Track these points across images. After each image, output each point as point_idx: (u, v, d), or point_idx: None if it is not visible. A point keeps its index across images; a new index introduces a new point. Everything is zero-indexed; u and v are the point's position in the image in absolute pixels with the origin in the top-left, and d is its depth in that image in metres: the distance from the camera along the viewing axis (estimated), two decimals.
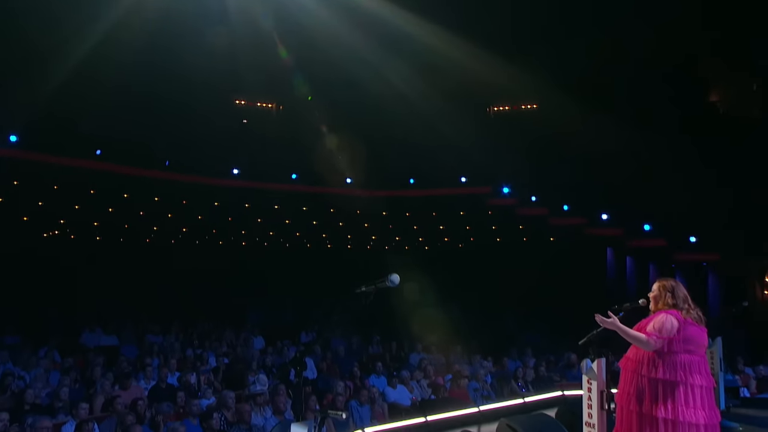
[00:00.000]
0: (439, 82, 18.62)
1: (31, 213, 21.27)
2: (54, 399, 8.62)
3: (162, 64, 17.23)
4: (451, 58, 17.82)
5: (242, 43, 17.56)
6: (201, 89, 18.44)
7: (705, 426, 4.99)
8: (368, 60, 17.54)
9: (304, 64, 18.88)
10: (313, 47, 17.50)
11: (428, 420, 8.26)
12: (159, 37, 16.12)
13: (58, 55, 15.40)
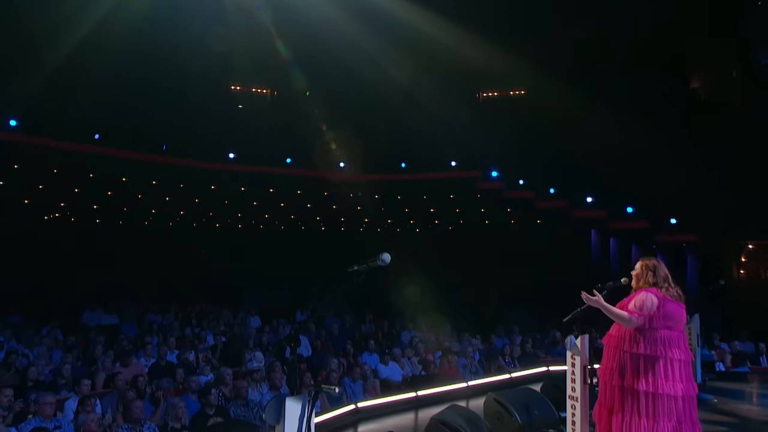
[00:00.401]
0: (430, 69, 18.56)
1: (31, 196, 21.17)
2: (57, 376, 8.63)
3: (158, 50, 17.10)
4: (442, 45, 17.76)
5: (237, 29, 17.45)
6: (196, 75, 18.33)
7: (683, 398, 5.06)
8: (361, 46, 17.45)
9: (298, 51, 18.77)
10: (307, 34, 17.41)
11: (419, 395, 8.37)
12: (154, 22, 16.00)
13: (54, 39, 15.24)
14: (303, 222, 26.81)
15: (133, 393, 7.45)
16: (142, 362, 9.96)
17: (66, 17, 15.04)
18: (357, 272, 3.45)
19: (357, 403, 7.67)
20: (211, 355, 11.06)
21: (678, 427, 4.99)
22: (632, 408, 5.10)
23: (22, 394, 7.46)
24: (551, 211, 21.09)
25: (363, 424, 7.35)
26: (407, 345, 12.64)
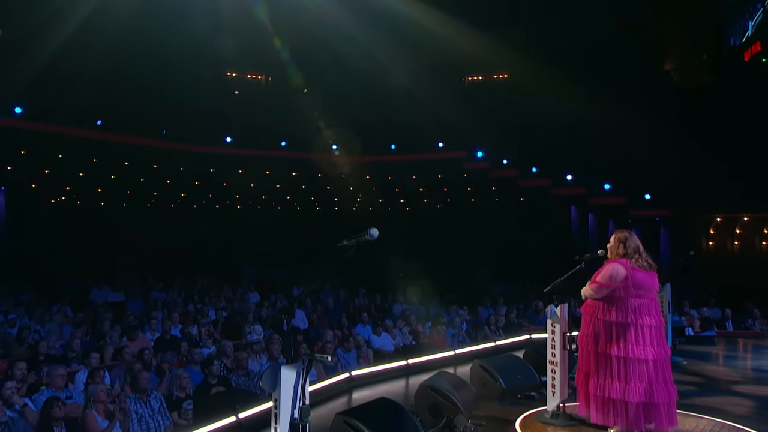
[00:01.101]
0: (417, 55, 18.46)
1: (38, 181, 21.05)
2: (67, 350, 8.62)
3: (156, 39, 16.91)
4: (428, 32, 17.65)
5: (233, 18, 17.27)
6: (193, 62, 18.17)
7: (654, 361, 5.13)
8: (352, 36, 17.34)
9: (292, 42, 18.63)
10: (300, 26, 17.26)
11: (409, 363, 8.42)
12: (153, 10, 15.80)
13: (54, 27, 15.02)
14: (298, 202, 26.77)
15: (140, 365, 7.44)
16: (147, 336, 9.95)
17: (65, 4, 14.83)
18: (346, 246, 3.47)
19: (351, 371, 7.71)
20: (213, 329, 11.03)
21: (649, 388, 5.07)
22: (606, 372, 5.18)
23: (34, 368, 7.45)
24: (533, 189, 21.22)
25: (357, 391, 7.39)
26: (398, 317, 12.65)
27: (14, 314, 11.15)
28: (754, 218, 17.21)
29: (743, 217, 17.37)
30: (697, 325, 12.00)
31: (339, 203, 25.45)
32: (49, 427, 5.72)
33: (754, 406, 6.55)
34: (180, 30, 17.05)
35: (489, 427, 5.59)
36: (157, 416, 6.37)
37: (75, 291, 14.53)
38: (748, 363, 9.20)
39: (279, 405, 3.24)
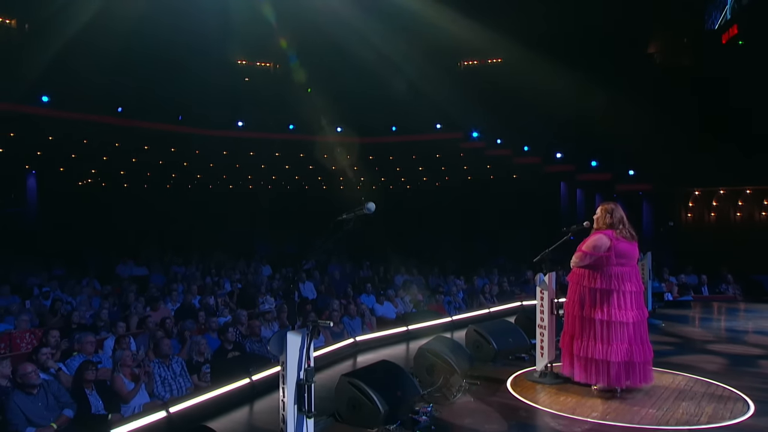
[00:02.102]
0: (415, 42, 18.25)
1: (66, 164, 21.09)
2: (96, 319, 8.68)
3: (171, 29, 16.76)
4: (426, 20, 17.44)
5: (242, 10, 17.09)
6: (207, 51, 18.02)
7: (633, 323, 5.20)
8: (354, 26, 17.17)
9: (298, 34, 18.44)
10: (300, 14, 17.07)
11: (409, 329, 8.46)
12: (165, 6, 15.64)
13: (76, 18, 14.87)
14: (306, 182, 26.75)
15: (162, 333, 7.51)
16: (169, 306, 9.99)
17: None
18: (346, 220, 3.47)
19: (356, 337, 7.77)
20: (229, 300, 11.10)
21: (629, 348, 5.15)
22: (590, 334, 5.25)
23: (67, 335, 7.52)
24: (526, 166, 21.18)
25: (361, 355, 7.45)
26: (400, 287, 12.67)
27: (48, 287, 11.23)
28: (729, 191, 17.20)
29: (719, 190, 17.35)
30: (676, 291, 12.04)
31: (344, 182, 25.42)
32: (81, 388, 5.79)
33: (724, 363, 6.63)
34: (193, 20, 16.89)
35: (482, 386, 5.64)
36: (179, 379, 6.42)
37: (102, 266, 14.58)
38: (722, 324, 9.25)
39: (286, 367, 3.28)
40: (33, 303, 10.05)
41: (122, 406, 5.88)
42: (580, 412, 4.85)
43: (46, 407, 5.33)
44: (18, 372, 5.41)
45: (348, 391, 4.69)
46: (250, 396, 5.51)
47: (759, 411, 4.87)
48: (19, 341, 7.73)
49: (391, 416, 4.58)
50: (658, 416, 4.75)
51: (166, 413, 4.77)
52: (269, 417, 4.97)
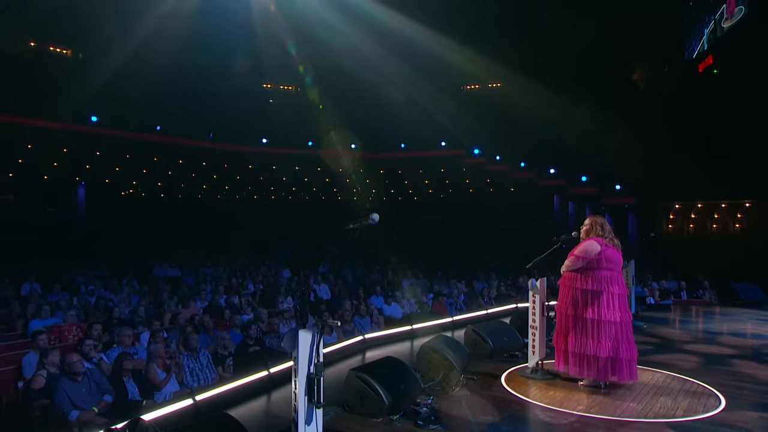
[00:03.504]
0: (423, 69, 18.33)
1: (111, 177, 21.31)
2: (134, 315, 8.72)
3: (205, 56, 16.97)
4: (432, 50, 17.53)
5: (267, 40, 17.28)
6: (235, 76, 18.21)
7: (620, 323, 5.18)
8: (368, 57, 17.34)
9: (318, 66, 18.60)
10: (326, 54, 17.25)
11: (414, 328, 8.45)
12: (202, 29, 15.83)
13: (121, 46, 15.11)
14: (323, 193, 26.81)
15: (191, 328, 7.51)
16: (198, 305, 10.01)
17: (128, 27, 14.89)
18: (353, 229, 3.48)
19: (365, 334, 7.77)
20: (252, 299, 11.08)
21: (616, 345, 5.13)
22: (582, 332, 5.24)
23: (108, 329, 7.56)
24: (522, 180, 21.10)
25: (369, 351, 7.45)
26: (407, 289, 12.54)
27: (93, 286, 11.37)
28: (706, 205, 17.09)
29: (697, 204, 17.23)
30: (657, 295, 11.91)
31: (357, 193, 25.50)
32: (119, 376, 5.81)
33: (699, 361, 6.57)
34: (223, 48, 17.09)
35: (479, 381, 5.63)
36: (205, 370, 6.40)
37: (141, 267, 14.64)
38: (699, 326, 9.15)
39: (297, 362, 3.29)
40: (80, 300, 10.14)
41: (155, 394, 5.88)
42: (567, 405, 4.83)
43: (89, 393, 5.37)
44: (65, 361, 5.46)
45: (356, 384, 4.70)
46: (268, 387, 5.54)
47: (730, 405, 4.84)
48: (66, 333, 7.78)
49: (394, 407, 4.59)
50: (638, 410, 4.72)
51: (192, 401, 4.81)
52: (285, 406, 4.97)
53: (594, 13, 15.15)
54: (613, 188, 18.58)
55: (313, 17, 16.07)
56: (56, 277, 11.59)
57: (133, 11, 14.60)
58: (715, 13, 12.52)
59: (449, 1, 15.87)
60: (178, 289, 11.57)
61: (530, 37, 16.71)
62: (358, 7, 15.84)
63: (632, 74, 16.55)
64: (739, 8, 11.43)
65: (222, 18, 15.90)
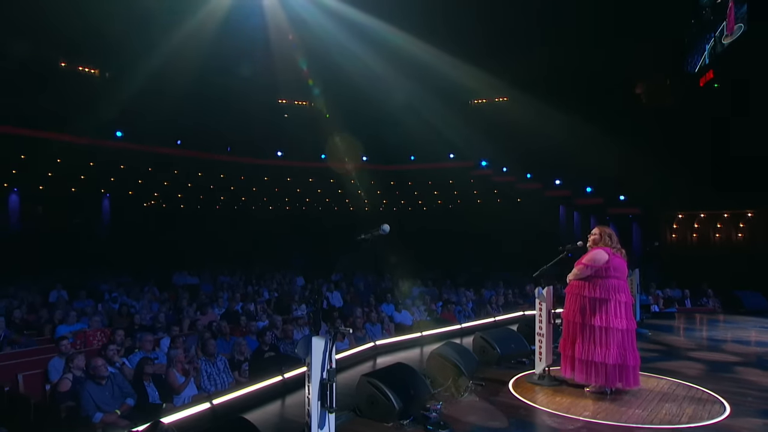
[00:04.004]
0: (434, 85, 18.42)
1: (135, 189, 21.55)
2: (155, 321, 8.74)
3: (223, 74, 17.20)
4: (440, 67, 17.63)
5: (283, 58, 17.49)
6: (252, 92, 18.43)
7: (626, 330, 5.12)
8: (379, 75, 17.51)
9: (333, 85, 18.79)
10: (340, 73, 17.44)
11: (423, 335, 8.39)
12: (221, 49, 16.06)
13: (143, 66, 15.38)
14: (335, 204, 26.87)
15: (209, 334, 7.46)
16: (215, 311, 10.01)
17: (151, 49, 15.16)
18: (364, 239, 3.49)
19: (376, 341, 7.73)
20: (267, 306, 11.05)
21: (623, 352, 5.08)
22: (590, 339, 5.17)
23: (130, 335, 7.57)
24: (528, 191, 21.03)
25: (380, 357, 7.43)
26: (416, 297, 12.45)
27: (116, 293, 11.40)
28: (709, 215, 16.91)
29: (700, 214, 17.05)
30: (661, 303, 11.79)
31: (368, 204, 25.55)
32: (140, 380, 5.84)
33: (704, 369, 6.47)
34: (242, 67, 17.32)
35: (487, 387, 5.58)
36: (222, 374, 6.40)
37: (161, 275, 14.68)
38: (703, 334, 9.00)
39: (310, 368, 3.30)
40: (104, 306, 10.18)
41: (174, 397, 5.89)
42: (573, 411, 4.77)
43: (112, 396, 5.39)
44: (90, 365, 5.50)
45: (367, 389, 4.68)
46: (282, 391, 5.53)
47: (735, 412, 4.75)
48: (91, 338, 7.80)
49: (404, 412, 4.57)
50: (644, 416, 4.65)
51: (210, 405, 4.82)
52: (298, 410, 4.96)
53: (596, 31, 15.15)
54: (618, 199, 18.45)
55: (328, 40, 16.26)
56: (82, 285, 11.67)
57: (156, 35, 14.86)
58: (715, 30, 12.47)
59: (454, 24, 15.96)
60: (197, 296, 11.57)
61: (534, 52, 16.74)
62: (372, 31, 16.02)
63: (635, 88, 16.48)
64: (739, 26, 11.40)
65: (240, 39, 16.13)
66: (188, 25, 15.21)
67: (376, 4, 15.05)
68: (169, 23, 14.99)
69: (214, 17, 15.32)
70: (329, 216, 26.10)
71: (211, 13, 15.23)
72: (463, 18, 15.96)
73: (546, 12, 15.27)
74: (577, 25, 15.23)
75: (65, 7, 13.47)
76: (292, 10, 15.75)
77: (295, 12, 15.77)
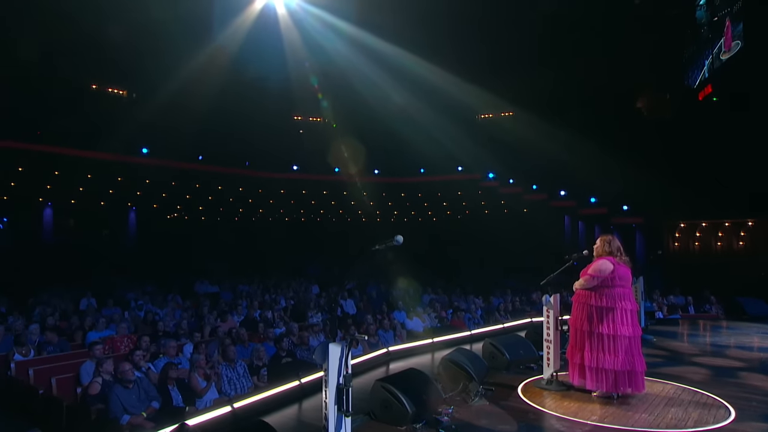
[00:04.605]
0: (444, 103, 18.51)
1: (159, 202, 21.82)
2: (178, 328, 8.79)
3: (242, 93, 17.42)
4: (448, 85, 17.76)
5: (298, 80, 17.71)
6: (269, 110, 18.64)
7: (631, 337, 5.06)
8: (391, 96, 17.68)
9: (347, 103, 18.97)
10: (353, 92, 17.62)
11: (434, 341, 8.31)
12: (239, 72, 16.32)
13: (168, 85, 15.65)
14: (348, 215, 26.92)
15: (229, 340, 7.53)
16: (235, 319, 10.02)
17: (174, 72, 15.43)
18: (378, 250, 3.50)
19: (389, 347, 7.69)
20: (284, 314, 11.04)
21: (631, 358, 5.02)
22: (598, 346, 5.10)
23: (155, 341, 7.63)
24: (534, 202, 20.93)
25: (393, 363, 7.36)
26: (427, 304, 12.47)
27: (141, 301, 11.48)
28: (710, 224, 16.73)
29: (702, 223, 16.87)
30: (665, 310, 11.62)
31: (380, 215, 25.58)
32: (165, 384, 5.89)
33: (708, 374, 6.35)
34: (258, 84, 17.54)
35: (497, 392, 5.53)
36: (242, 379, 6.42)
37: (184, 284, 14.79)
38: (706, 340, 8.84)
39: (327, 373, 3.30)
40: (130, 314, 10.25)
41: (197, 401, 5.93)
42: (581, 416, 4.71)
43: (138, 399, 5.45)
44: (118, 369, 5.56)
45: (381, 394, 4.66)
46: (299, 396, 5.52)
47: (739, 417, 4.66)
48: (119, 344, 7.87)
49: (417, 416, 4.54)
50: (650, 420, 4.58)
51: (231, 408, 4.83)
52: (315, 414, 4.98)
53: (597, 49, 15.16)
54: (621, 208, 18.30)
55: (342, 63, 16.47)
56: (110, 293, 11.80)
57: (178, 59, 15.14)
58: (713, 47, 12.43)
59: (459, 46, 16.09)
60: (217, 304, 11.60)
61: (537, 70, 16.77)
62: (385, 54, 16.22)
63: (636, 103, 16.41)
64: (736, 43, 11.37)
65: (257, 61, 16.37)
66: (209, 50, 15.48)
67: (389, 30, 15.24)
68: (191, 48, 15.26)
69: (233, 41, 15.57)
70: (343, 226, 26.19)
71: (231, 37, 15.49)
72: (467, 41, 16.08)
73: (546, 33, 15.32)
74: (577, 44, 15.24)
75: (96, 35, 13.83)
76: (308, 35, 15.96)
77: (311, 36, 15.98)
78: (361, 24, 15.53)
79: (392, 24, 14.73)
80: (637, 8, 13.63)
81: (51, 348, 7.57)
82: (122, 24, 13.50)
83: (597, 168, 16.47)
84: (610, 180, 16.47)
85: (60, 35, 13.86)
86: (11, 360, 6.87)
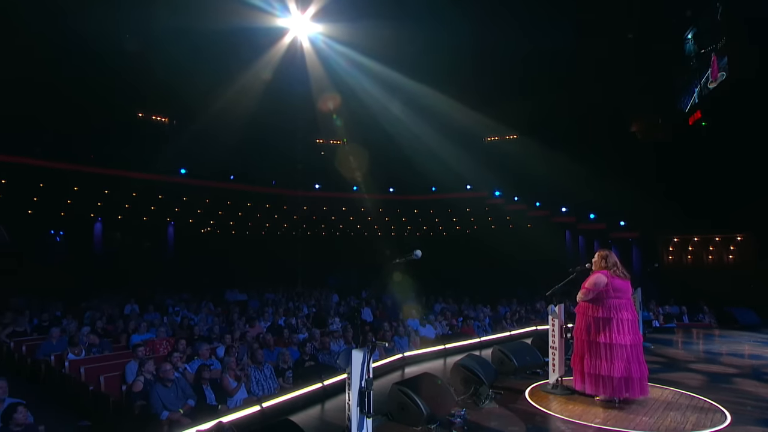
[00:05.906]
0: (452, 126, 18.60)
1: (195, 217, 22.12)
2: (210, 332, 8.85)
3: (268, 118, 17.71)
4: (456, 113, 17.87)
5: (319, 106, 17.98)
6: (293, 134, 18.92)
7: (630, 345, 4.99)
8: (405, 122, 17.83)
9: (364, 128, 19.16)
10: (369, 119, 17.83)
11: (446, 347, 8.29)
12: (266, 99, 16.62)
13: (206, 115, 15.99)
14: (365, 230, 26.93)
15: (257, 344, 7.58)
16: (262, 325, 10.05)
17: (210, 102, 15.78)
18: (398, 263, 3.52)
19: (404, 353, 7.67)
20: (306, 320, 11.04)
21: (628, 366, 4.93)
22: (596, 354, 5.06)
23: (190, 344, 7.63)
24: (537, 218, 20.77)
25: (408, 367, 7.36)
26: (439, 313, 12.42)
27: (178, 307, 11.65)
28: (702, 239, 16.47)
29: (694, 238, 16.60)
30: (662, 319, 11.41)
31: (395, 230, 25.54)
32: (199, 384, 5.92)
33: (704, 379, 6.23)
34: (286, 112, 17.85)
35: (505, 396, 5.48)
36: (269, 380, 6.43)
37: (215, 292, 14.89)
38: (701, 347, 8.64)
39: (351, 377, 3.30)
40: (168, 319, 10.35)
41: (228, 399, 5.95)
42: (585, 418, 4.64)
43: (176, 397, 5.49)
44: (159, 369, 5.62)
45: (398, 397, 4.65)
46: (322, 397, 5.53)
47: (735, 420, 4.55)
48: (158, 346, 7.95)
49: (432, 418, 4.51)
50: (651, 423, 4.49)
51: (260, 407, 4.85)
52: (337, 414, 4.97)
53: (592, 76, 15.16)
54: (619, 224, 18.07)
55: (362, 92, 16.72)
56: (150, 299, 11.93)
57: (214, 89, 15.51)
58: (701, 77, 12.42)
59: (464, 76, 16.25)
60: (246, 311, 11.64)
61: (539, 96, 16.80)
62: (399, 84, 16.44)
63: (630, 127, 16.33)
64: (721, 74, 11.37)
65: (284, 92, 16.69)
66: (242, 80, 15.82)
67: (405, 64, 15.48)
68: (226, 79, 15.63)
69: (260, 75, 15.89)
70: (361, 240, 26.19)
71: (259, 71, 15.82)
72: (475, 72, 16.24)
73: (544, 62, 15.39)
74: (574, 74, 15.28)
75: (142, 71, 14.28)
76: (331, 68, 16.23)
77: (334, 70, 16.25)
78: (378, 58, 15.78)
79: (408, 59, 14.94)
80: (630, 42, 13.65)
81: (95, 349, 7.68)
82: (165, 62, 13.93)
83: (594, 189, 16.34)
84: (606, 199, 16.32)
85: (110, 72, 14.34)
86: (65, 359, 6.99)
